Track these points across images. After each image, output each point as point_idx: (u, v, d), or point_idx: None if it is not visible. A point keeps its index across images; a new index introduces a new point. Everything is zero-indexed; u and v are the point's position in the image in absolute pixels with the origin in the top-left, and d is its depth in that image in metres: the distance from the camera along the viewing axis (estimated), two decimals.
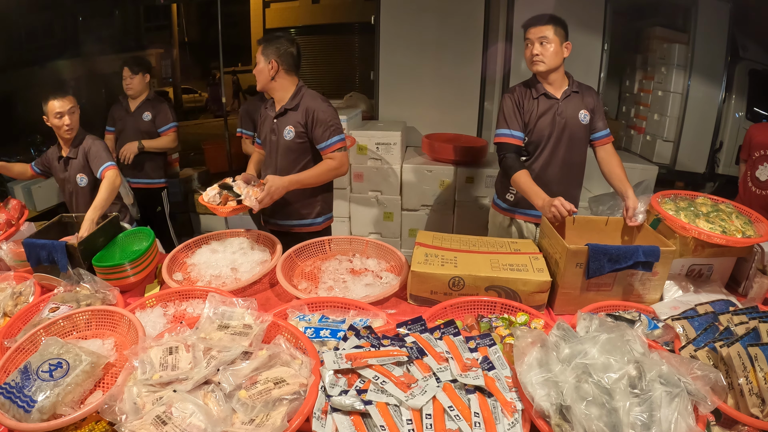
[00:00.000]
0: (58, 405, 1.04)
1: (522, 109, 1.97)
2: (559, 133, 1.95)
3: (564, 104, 1.94)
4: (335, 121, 1.95)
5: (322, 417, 0.98)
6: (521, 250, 1.61)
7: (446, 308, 1.42)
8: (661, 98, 4.01)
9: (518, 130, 1.97)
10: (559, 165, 1.99)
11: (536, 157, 2.00)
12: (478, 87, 3.85)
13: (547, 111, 1.94)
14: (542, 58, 1.86)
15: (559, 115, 1.93)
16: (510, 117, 1.97)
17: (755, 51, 3.90)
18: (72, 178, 2.26)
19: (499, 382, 1.06)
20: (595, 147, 2.01)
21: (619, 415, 0.92)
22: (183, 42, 7.28)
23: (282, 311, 1.37)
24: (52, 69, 5.35)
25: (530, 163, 2.01)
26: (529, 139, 1.99)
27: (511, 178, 1.93)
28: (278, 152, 2.02)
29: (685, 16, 3.92)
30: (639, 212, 1.68)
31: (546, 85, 1.95)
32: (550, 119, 1.94)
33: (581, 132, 1.97)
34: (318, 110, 1.92)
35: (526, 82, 2.01)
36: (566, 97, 1.95)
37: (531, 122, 1.96)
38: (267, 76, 1.93)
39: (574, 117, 1.94)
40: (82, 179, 2.26)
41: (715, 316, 1.24)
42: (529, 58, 1.90)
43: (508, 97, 2.00)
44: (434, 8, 3.69)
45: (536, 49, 1.86)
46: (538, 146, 1.98)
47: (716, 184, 4.10)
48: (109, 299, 1.48)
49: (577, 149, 2.00)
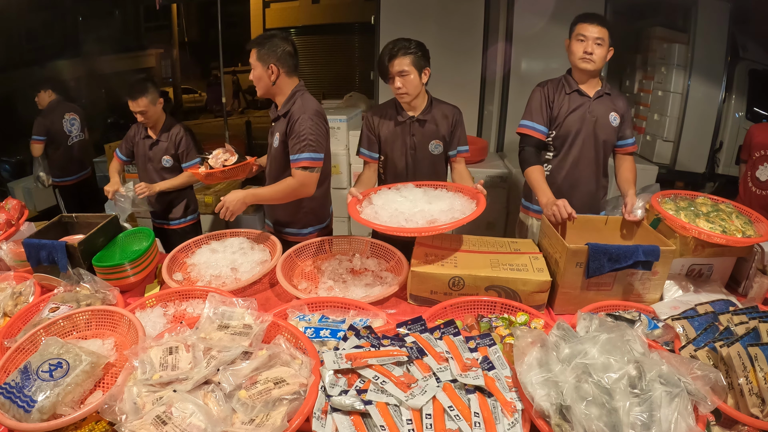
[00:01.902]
0: (58, 405, 1.04)
1: (551, 104, 1.96)
2: (589, 131, 1.94)
3: (596, 104, 1.93)
4: (312, 136, 1.77)
5: (322, 417, 0.98)
6: (521, 250, 1.61)
7: (446, 308, 1.42)
8: (661, 98, 4.01)
9: (542, 125, 1.96)
10: (587, 164, 1.98)
11: (564, 154, 1.99)
12: (478, 87, 3.85)
13: (578, 108, 1.93)
14: (594, 58, 1.84)
15: (590, 113, 1.92)
16: (536, 110, 1.97)
17: (755, 51, 3.91)
18: (156, 158, 2.54)
19: (499, 382, 1.06)
20: (618, 154, 2.01)
21: (619, 415, 0.92)
22: (183, 42, 7.29)
23: (282, 311, 1.37)
24: (52, 69, 5.36)
25: (559, 161, 2.00)
26: (557, 133, 1.97)
27: (524, 171, 1.94)
28: (270, 158, 1.97)
29: (685, 16, 3.92)
30: (638, 208, 1.68)
31: (581, 83, 1.94)
32: (580, 116, 1.93)
33: (611, 133, 1.95)
34: (298, 120, 1.78)
35: (560, 78, 1.99)
36: (598, 97, 1.93)
37: (560, 117, 1.95)
38: (267, 82, 1.81)
39: (604, 117, 1.93)
40: (168, 161, 2.55)
41: (715, 316, 1.24)
42: (580, 55, 1.86)
43: (538, 90, 1.99)
44: (434, 8, 3.69)
45: (590, 48, 1.83)
46: (565, 141, 1.97)
47: (716, 184, 4.11)
48: (109, 299, 1.48)
49: (604, 150, 1.99)
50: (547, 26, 3.48)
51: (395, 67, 1.81)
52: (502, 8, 3.61)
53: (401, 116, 1.95)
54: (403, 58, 1.80)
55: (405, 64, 1.80)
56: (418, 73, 1.83)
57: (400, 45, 1.82)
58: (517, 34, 3.60)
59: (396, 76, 1.82)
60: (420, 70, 1.83)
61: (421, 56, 1.83)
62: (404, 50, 1.80)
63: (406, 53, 1.80)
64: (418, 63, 1.82)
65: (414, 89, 1.85)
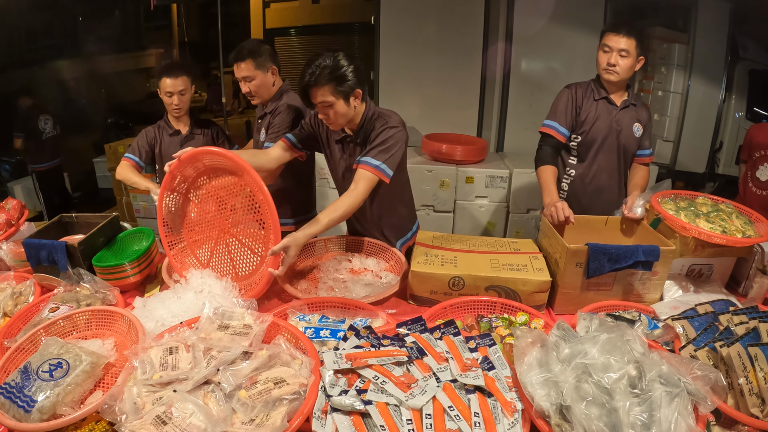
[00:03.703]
0: (58, 405, 1.04)
1: (579, 108, 1.95)
2: (613, 140, 1.94)
3: (622, 113, 1.93)
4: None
5: (322, 417, 0.98)
6: (521, 250, 1.61)
7: (446, 308, 1.42)
8: (661, 98, 4.01)
9: (564, 127, 1.95)
10: (610, 173, 1.98)
11: (590, 161, 1.98)
12: (478, 87, 3.85)
13: (605, 116, 1.93)
14: (618, 69, 1.84)
15: (616, 123, 1.92)
16: (560, 112, 1.96)
17: (755, 51, 3.91)
18: None
19: (499, 382, 1.06)
20: (634, 163, 2.01)
21: (619, 415, 0.92)
22: (183, 42, 7.28)
23: (282, 311, 1.37)
24: (52, 69, 5.36)
25: (584, 168, 2.00)
26: (582, 139, 1.97)
27: (537, 168, 1.93)
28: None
29: (685, 16, 3.92)
30: (638, 206, 1.68)
31: (609, 91, 1.94)
32: (606, 124, 1.93)
33: (633, 144, 1.96)
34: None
35: (588, 83, 1.98)
36: (624, 107, 1.93)
37: (587, 123, 1.94)
38: (270, 86, 1.77)
39: (629, 128, 1.93)
40: None
41: (715, 316, 1.24)
42: (604, 66, 1.86)
43: (566, 92, 1.97)
44: (434, 8, 3.69)
45: (614, 59, 1.82)
46: (590, 149, 1.96)
47: (716, 184, 4.11)
48: (109, 299, 1.48)
49: (626, 160, 1.99)
50: (547, 26, 3.48)
51: (316, 98, 1.53)
52: (502, 8, 3.61)
53: (336, 134, 1.74)
54: (322, 88, 1.50)
55: (326, 95, 1.51)
56: (344, 101, 1.53)
57: (318, 71, 1.48)
58: (517, 34, 3.60)
59: (318, 106, 1.55)
60: (347, 98, 1.53)
61: (348, 81, 1.51)
62: (325, 78, 1.48)
63: (327, 82, 1.49)
64: (343, 90, 1.51)
65: (342, 118, 1.58)
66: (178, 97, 2.20)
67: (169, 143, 2.30)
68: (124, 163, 2.23)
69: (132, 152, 2.27)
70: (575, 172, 2.01)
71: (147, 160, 2.33)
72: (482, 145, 3.57)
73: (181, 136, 2.32)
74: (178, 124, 2.32)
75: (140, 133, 2.31)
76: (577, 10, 3.43)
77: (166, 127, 2.32)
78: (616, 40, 1.81)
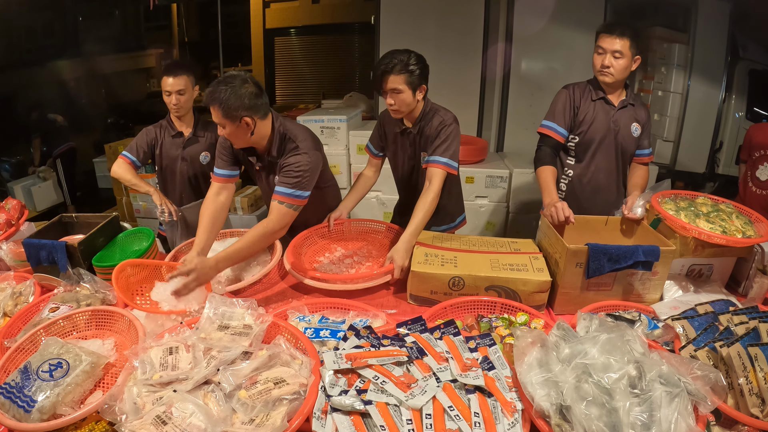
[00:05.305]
0: (58, 405, 1.04)
1: (576, 109, 1.95)
2: (611, 141, 1.93)
3: (620, 113, 1.92)
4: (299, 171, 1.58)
5: (322, 417, 0.98)
6: (521, 250, 1.61)
7: (446, 308, 1.42)
8: (661, 98, 4.01)
9: (563, 127, 1.94)
10: (608, 173, 1.98)
11: (587, 161, 1.98)
12: (478, 87, 3.85)
13: (603, 116, 1.92)
14: (612, 71, 1.83)
15: (614, 123, 1.92)
16: (559, 112, 1.95)
17: (755, 51, 3.91)
18: (193, 156, 2.29)
19: (499, 382, 1.06)
20: (633, 162, 2.01)
21: (619, 415, 0.92)
22: (183, 42, 7.27)
23: (282, 311, 1.38)
24: (52, 69, 5.36)
25: (581, 168, 1.99)
26: (580, 140, 1.97)
27: (536, 169, 1.93)
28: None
29: (685, 16, 3.92)
30: (638, 206, 1.68)
31: (606, 92, 1.93)
32: (604, 125, 1.92)
33: (631, 144, 1.95)
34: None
35: (588, 83, 1.98)
36: (623, 107, 1.93)
37: (585, 124, 1.94)
38: (247, 135, 1.58)
39: (627, 127, 1.93)
40: (206, 157, 2.31)
41: (715, 316, 1.24)
42: (598, 68, 1.86)
43: (564, 93, 1.97)
44: (434, 8, 3.69)
45: (608, 61, 1.82)
46: (588, 149, 1.96)
47: (716, 184, 4.11)
48: (109, 299, 1.48)
49: (624, 160, 1.99)
50: (547, 26, 3.47)
51: (388, 84, 1.67)
52: (502, 8, 3.61)
53: (397, 127, 1.87)
54: (397, 76, 1.65)
55: (398, 83, 1.66)
56: (412, 92, 1.69)
57: (396, 61, 1.65)
58: (517, 34, 3.60)
59: (388, 92, 1.69)
60: (414, 89, 1.69)
61: (418, 75, 1.68)
62: (400, 68, 1.65)
63: (401, 71, 1.65)
64: (413, 82, 1.67)
65: (406, 107, 1.72)
66: (177, 96, 2.18)
67: (170, 145, 2.28)
68: (120, 161, 2.20)
69: (129, 151, 2.23)
70: (573, 173, 2.01)
71: (144, 159, 2.29)
72: (482, 145, 3.56)
73: (183, 138, 2.28)
74: (180, 125, 2.28)
75: (141, 132, 2.27)
76: (577, 10, 3.42)
77: (168, 128, 2.28)
78: (609, 42, 1.81)
